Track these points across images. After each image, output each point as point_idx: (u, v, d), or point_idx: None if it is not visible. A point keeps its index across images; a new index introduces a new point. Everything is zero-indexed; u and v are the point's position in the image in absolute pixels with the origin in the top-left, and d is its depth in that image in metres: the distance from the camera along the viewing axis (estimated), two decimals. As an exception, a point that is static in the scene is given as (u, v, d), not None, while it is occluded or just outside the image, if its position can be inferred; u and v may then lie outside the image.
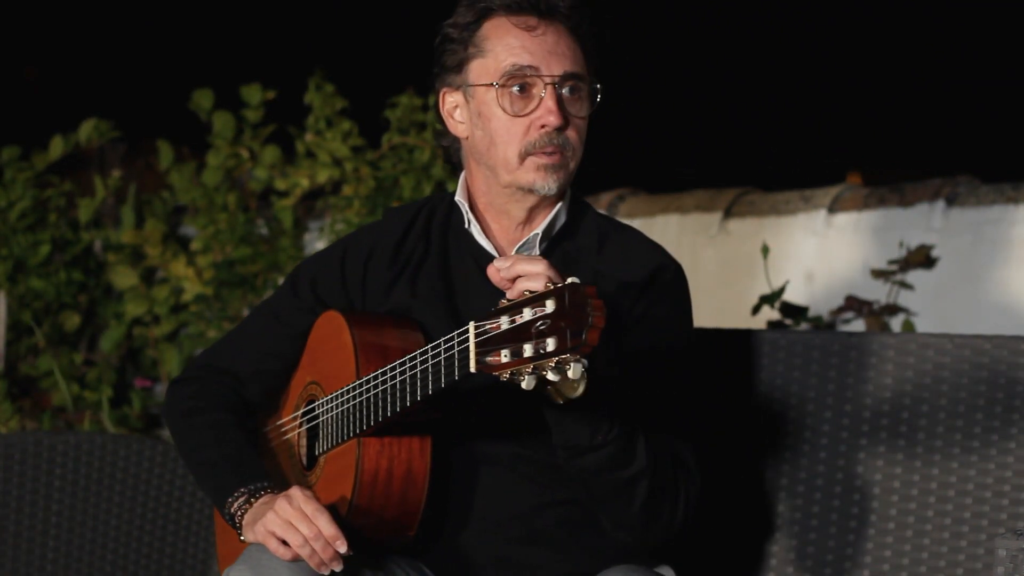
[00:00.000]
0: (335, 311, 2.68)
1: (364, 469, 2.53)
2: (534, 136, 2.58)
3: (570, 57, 2.59)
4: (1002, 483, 2.80)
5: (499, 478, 2.60)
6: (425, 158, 4.65)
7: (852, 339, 2.97)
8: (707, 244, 4.39)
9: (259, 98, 4.99)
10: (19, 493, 3.38)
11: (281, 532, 2.48)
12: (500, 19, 2.60)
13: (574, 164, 2.62)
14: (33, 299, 5.17)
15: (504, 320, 2.21)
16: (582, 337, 2.13)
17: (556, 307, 2.15)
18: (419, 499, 2.55)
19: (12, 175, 5.19)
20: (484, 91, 2.60)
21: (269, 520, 2.49)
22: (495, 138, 2.60)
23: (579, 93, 2.60)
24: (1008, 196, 3.83)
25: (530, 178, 2.59)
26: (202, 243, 5.00)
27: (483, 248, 2.67)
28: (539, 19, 2.59)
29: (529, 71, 2.57)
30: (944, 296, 3.88)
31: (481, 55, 2.61)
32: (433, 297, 2.65)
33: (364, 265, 2.73)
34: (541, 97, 2.57)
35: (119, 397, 5.19)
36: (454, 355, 2.31)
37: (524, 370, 2.18)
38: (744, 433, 3.01)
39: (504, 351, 2.20)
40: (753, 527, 2.99)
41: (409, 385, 2.42)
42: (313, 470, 2.69)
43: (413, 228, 2.73)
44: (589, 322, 2.13)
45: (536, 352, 2.16)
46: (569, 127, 2.59)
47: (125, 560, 3.44)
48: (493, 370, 2.22)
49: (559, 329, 2.14)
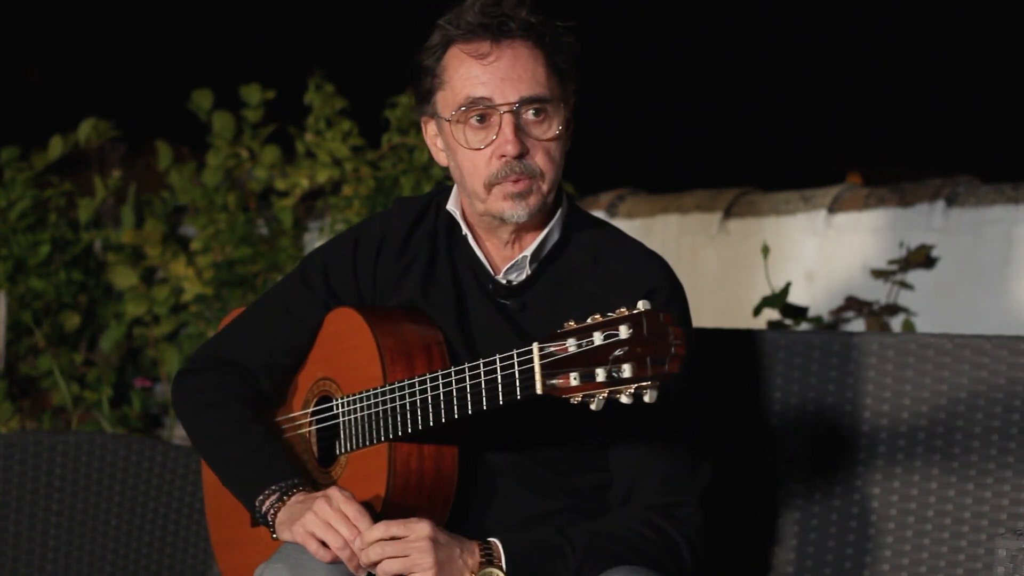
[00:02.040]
0: (350, 307, 2.66)
1: (397, 471, 2.53)
2: (495, 166, 2.54)
3: (527, 79, 2.52)
4: (1002, 483, 2.79)
5: (500, 486, 2.60)
6: (425, 158, 4.65)
7: (852, 339, 2.97)
8: (707, 244, 4.39)
9: (259, 98, 4.99)
10: (19, 493, 3.38)
11: (321, 533, 2.46)
12: (456, 48, 2.55)
13: (547, 186, 2.56)
14: (33, 299, 5.17)
15: (571, 343, 2.23)
16: (664, 367, 2.16)
17: (633, 334, 2.17)
18: (448, 498, 2.56)
19: (12, 175, 5.19)
20: (448, 125, 2.57)
21: (308, 521, 2.47)
22: (463, 170, 2.58)
23: (543, 115, 2.54)
24: (1008, 196, 3.83)
25: (499, 207, 2.56)
26: (202, 243, 5.00)
27: (479, 260, 2.65)
28: (492, 44, 2.52)
29: (483, 102, 2.52)
30: (944, 296, 3.88)
31: (442, 87, 2.58)
32: (445, 306, 2.65)
33: (375, 256, 2.71)
34: (499, 127, 2.53)
35: (119, 397, 5.19)
36: (514, 374, 2.32)
37: (597, 394, 2.21)
38: (744, 433, 3.01)
39: (573, 374, 2.22)
40: (753, 527, 2.99)
41: (459, 398, 2.42)
42: (332, 468, 2.67)
43: (423, 223, 2.72)
44: (672, 352, 2.16)
45: (610, 377, 2.18)
46: (533, 152, 2.54)
47: (125, 560, 3.44)
48: (562, 393, 2.24)
49: (637, 355, 2.17)
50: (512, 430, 2.57)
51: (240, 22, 8.78)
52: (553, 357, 2.25)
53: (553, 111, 2.55)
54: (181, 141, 5.36)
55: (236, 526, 2.85)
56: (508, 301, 2.61)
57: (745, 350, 3.02)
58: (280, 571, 2.45)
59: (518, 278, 2.62)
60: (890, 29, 8.99)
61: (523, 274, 2.62)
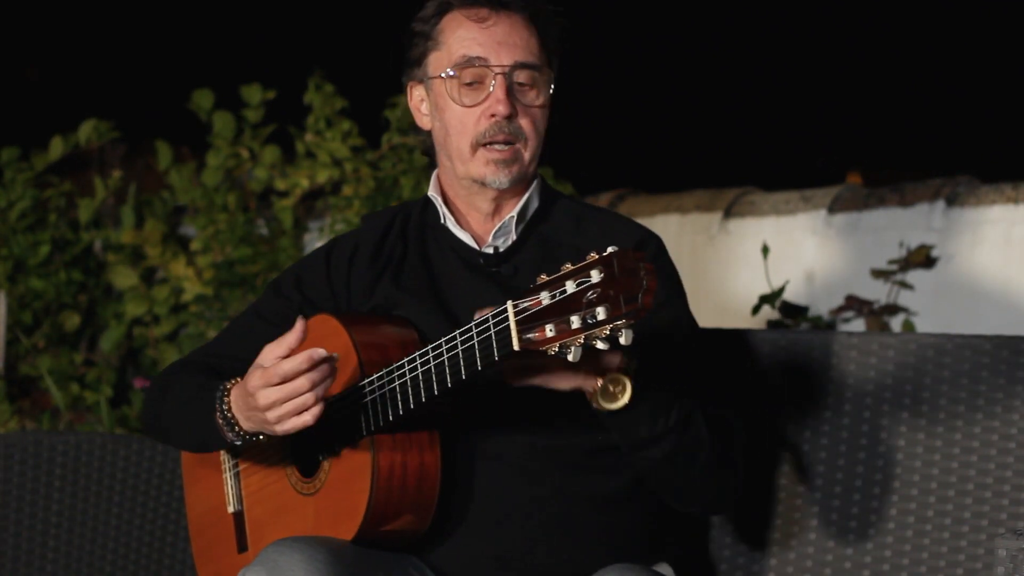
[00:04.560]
0: (327, 314, 2.67)
1: (380, 466, 2.52)
2: (484, 125, 2.62)
3: (522, 47, 2.63)
4: (1002, 483, 2.80)
5: (498, 473, 2.60)
6: (424, 158, 4.65)
7: (852, 339, 2.97)
8: (707, 244, 4.39)
9: (259, 98, 4.99)
10: (19, 493, 3.38)
11: (273, 396, 2.44)
12: (455, 13, 2.65)
13: (528, 154, 2.65)
14: (33, 299, 5.17)
15: (544, 295, 2.22)
16: (638, 301, 2.15)
17: (604, 275, 2.17)
18: (433, 492, 2.55)
19: (12, 175, 5.19)
20: (439, 83, 2.65)
21: (258, 398, 2.45)
22: (449, 129, 2.65)
23: (533, 82, 2.64)
24: (1008, 196, 3.83)
25: (481, 171, 2.64)
26: (202, 243, 5.01)
27: (460, 240, 2.70)
28: (491, 11, 2.63)
29: (478, 62, 2.62)
30: (944, 296, 3.88)
31: (437, 48, 2.66)
32: (418, 289, 2.68)
33: (348, 262, 2.76)
34: (492, 88, 2.61)
35: (119, 397, 5.19)
36: (490, 336, 2.31)
37: (573, 342, 2.19)
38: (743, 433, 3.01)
39: (548, 326, 2.20)
40: (753, 527, 2.99)
41: (437, 373, 2.41)
42: (316, 476, 2.66)
43: (391, 230, 2.77)
44: (644, 285, 2.15)
45: (584, 322, 2.17)
46: (521, 116, 2.62)
47: (125, 560, 3.44)
48: (539, 346, 2.22)
49: (609, 297, 2.15)
50: (514, 416, 2.58)
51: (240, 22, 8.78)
52: (527, 312, 2.24)
53: (542, 81, 2.65)
54: (181, 141, 5.36)
55: (223, 558, 2.85)
56: (500, 268, 2.66)
57: (745, 350, 3.02)
58: (259, 573, 2.45)
59: (505, 243, 2.68)
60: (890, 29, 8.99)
61: (510, 239, 2.68)
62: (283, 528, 2.69)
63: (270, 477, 2.75)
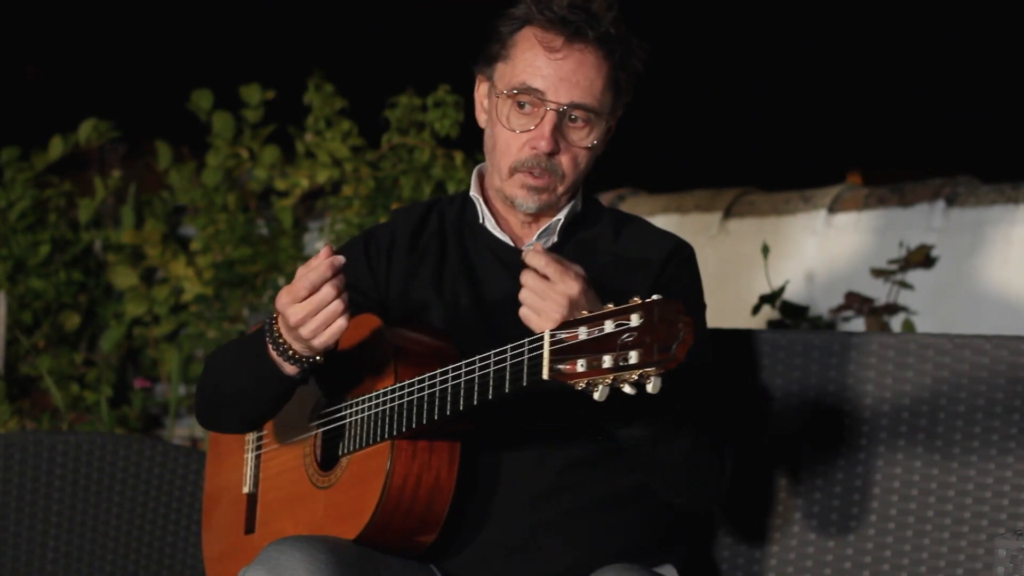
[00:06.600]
0: (372, 314, 2.68)
1: (395, 474, 2.53)
2: (525, 154, 2.63)
3: (584, 87, 2.60)
4: (1002, 483, 2.80)
5: (507, 469, 2.61)
6: (425, 158, 4.65)
7: (852, 339, 2.97)
8: (707, 244, 4.39)
9: (259, 98, 4.99)
10: (19, 493, 3.38)
11: (301, 313, 2.44)
12: (533, 30, 2.62)
13: (563, 188, 2.65)
14: (33, 299, 5.17)
15: (582, 331, 2.24)
16: (671, 351, 2.16)
17: (644, 321, 2.18)
18: (443, 510, 2.56)
19: (12, 175, 5.19)
20: (497, 98, 2.65)
21: (289, 315, 2.45)
22: (496, 143, 2.67)
23: (585, 123, 2.62)
24: (1008, 196, 3.83)
25: (513, 192, 2.65)
26: (202, 243, 5.00)
27: (500, 240, 2.72)
28: (566, 41, 2.59)
29: (536, 93, 2.60)
30: (944, 296, 3.88)
31: (505, 60, 2.65)
32: (459, 298, 2.69)
33: (388, 251, 2.77)
34: (541, 120, 2.60)
35: (119, 397, 5.19)
36: (523, 362, 2.33)
37: (602, 380, 2.21)
38: (744, 433, 3.01)
39: (580, 360, 2.23)
40: (752, 527, 2.99)
41: (465, 388, 2.43)
42: (333, 470, 2.66)
43: (427, 224, 2.78)
44: (680, 337, 2.16)
45: (616, 364, 2.19)
46: (563, 152, 2.63)
47: (125, 560, 3.44)
48: (567, 378, 2.24)
49: (644, 343, 2.17)
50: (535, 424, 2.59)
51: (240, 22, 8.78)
52: (562, 343, 2.26)
53: (596, 122, 2.64)
54: (181, 141, 5.36)
55: (229, 537, 2.85)
56: None
57: (745, 350, 3.02)
58: (260, 572, 2.45)
59: (545, 245, 2.69)
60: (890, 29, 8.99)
61: (551, 240, 2.69)
62: (291, 517, 2.70)
63: (289, 464, 2.76)
